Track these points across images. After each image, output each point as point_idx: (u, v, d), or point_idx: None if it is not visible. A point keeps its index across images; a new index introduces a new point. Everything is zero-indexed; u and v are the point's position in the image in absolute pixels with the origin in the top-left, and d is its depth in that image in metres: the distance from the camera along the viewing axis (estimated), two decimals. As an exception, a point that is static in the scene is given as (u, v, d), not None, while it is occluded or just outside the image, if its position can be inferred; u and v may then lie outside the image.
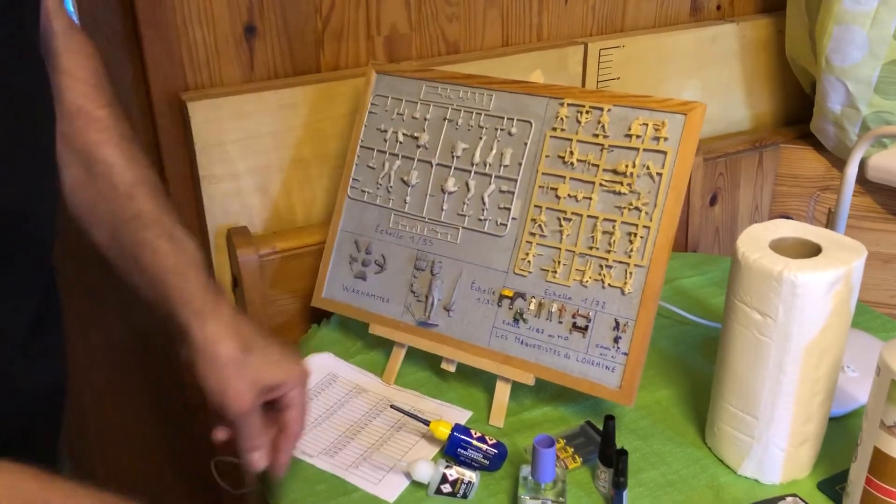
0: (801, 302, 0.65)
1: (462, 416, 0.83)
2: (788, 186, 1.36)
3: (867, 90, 1.17)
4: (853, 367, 0.84)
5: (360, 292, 0.90)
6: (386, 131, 0.90)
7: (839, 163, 1.30)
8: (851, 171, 0.79)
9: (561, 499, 0.69)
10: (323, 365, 0.91)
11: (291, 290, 1.02)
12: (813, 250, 0.69)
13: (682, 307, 0.99)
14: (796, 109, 1.38)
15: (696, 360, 0.91)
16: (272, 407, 0.67)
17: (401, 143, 0.89)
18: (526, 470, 0.71)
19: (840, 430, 0.78)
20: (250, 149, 0.99)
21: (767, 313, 0.67)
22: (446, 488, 0.73)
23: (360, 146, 0.92)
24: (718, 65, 1.30)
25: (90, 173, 0.62)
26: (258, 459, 0.66)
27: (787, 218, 1.37)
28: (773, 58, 1.34)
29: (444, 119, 0.87)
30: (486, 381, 0.87)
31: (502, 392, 0.82)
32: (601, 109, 0.79)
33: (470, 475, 0.72)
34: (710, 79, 1.30)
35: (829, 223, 1.02)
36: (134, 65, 0.97)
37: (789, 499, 0.71)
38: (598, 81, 1.20)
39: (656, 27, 1.26)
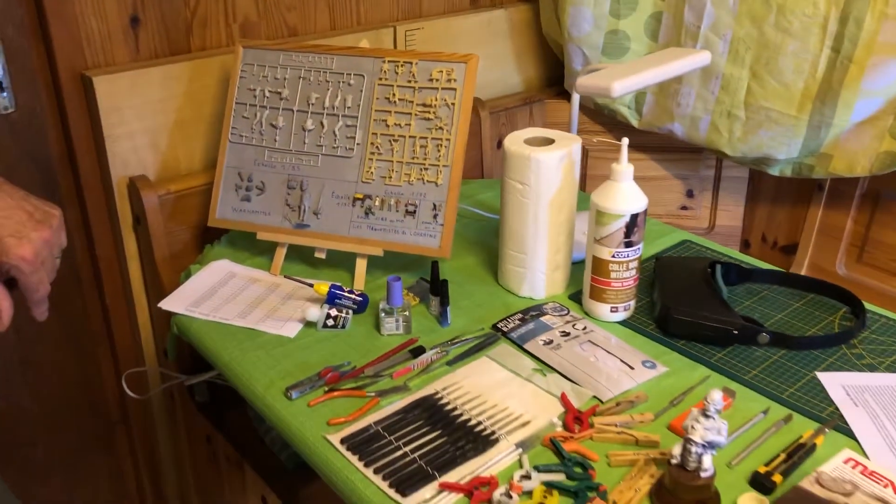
0: (543, 172, 1.05)
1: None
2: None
3: (597, 53, 1.62)
4: (585, 232, 1.26)
5: (247, 211, 1.21)
6: (255, 90, 1.22)
7: (587, 110, 1.75)
8: (576, 97, 1.21)
9: (406, 314, 1.05)
10: (222, 267, 1.21)
11: (185, 223, 1.31)
12: (550, 143, 1.09)
13: (482, 210, 1.39)
14: (553, 73, 1.83)
15: (491, 241, 1.30)
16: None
17: (267, 97, 1.21)
18: (383, 303, 1.06)
19: (579, 269, 1.18)
20: (143, 113, 1.26)
21: (525, 182, 1.06)
22: (330, 322, 1.06)
23: (236, 102, 1.23)
24: (495, 42, 1.71)
25: None
26: None
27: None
28: (534, 35, 1.77)
29: (300, 77, 1.20)
30: (346, 265, 1.21)
31: (361, 265, 1.16)
32: (411, 63, 1.15)
33: (347, 311, 1.06)
34: (489, 53, 1.70)
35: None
36: (38, 49, 1.21)
37: (550, 304, 1.12)
38: (406, 55, 1.56)
39: (446, 13, 1.65)
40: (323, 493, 1.15)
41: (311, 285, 1.10)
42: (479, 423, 0.89)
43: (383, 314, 1.05)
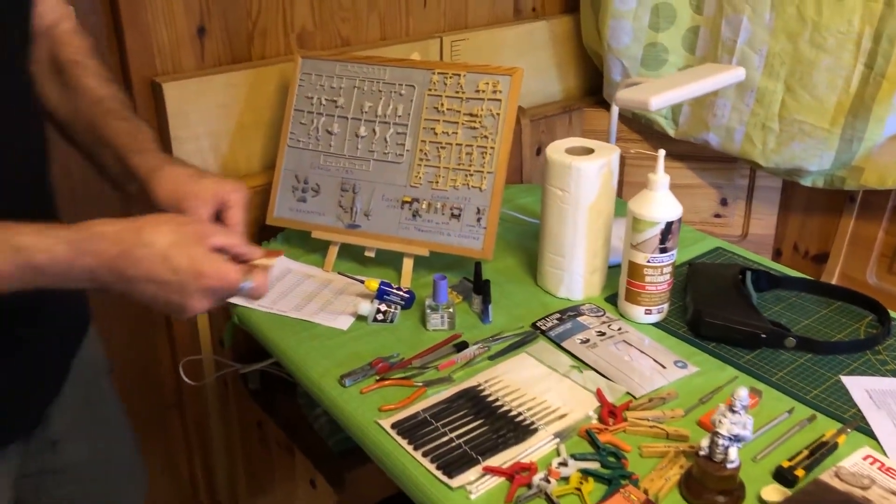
0: (583, 180, 1.11)
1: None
2: (591, 139, 1.85)
3: (636, 65, 1.68)
4: (621, 237, 1.32)
5: (302, 211, 1.29)
6: (312, 97, 1.30)
7: (624, 119, 1.81)
8: (615, 108, 1.27)
9: (451, 310, 1.12)
10: (279, 263, 1.29)
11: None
12: (589, 152, 1.15)
13: (522, 215, 1.46)
14: (593, 83, 1.89)
15: (530, 244, 1.37)
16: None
17: (323, 104, 1.29)
18: (429, 300, 1.13)
19: (615, 273, 1.24)
20: (207, 117, 1.35)
21: (566, 189, 1.13)
22: (380, 317, 1.13)
23: (294, 109, 1.31)
24: (536, 52, 1.78)
25: (76, 95, 0.91)
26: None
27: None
28: (575, 46, 1.83)
29: (354, 87, 1.28)
30: (394, 264, 1.28)
31: (408, 264, 1.24)
32: (459, 75, 1.22)
33: (395, 306, 1.14)
34: (531, 63, 1.77)
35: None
36: (114, 56, 1.30)
37: (587, 305, 1.18)
38: (451, 64, 1.63)
39: (489, 25, 1.72)
40: (367, 477, 1.23)
41: (363, 281, 1.17)
42: (520, 413, 0.95)
43: (429, 310, 1.12)
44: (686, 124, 1.70)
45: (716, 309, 1.10)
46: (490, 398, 0.98)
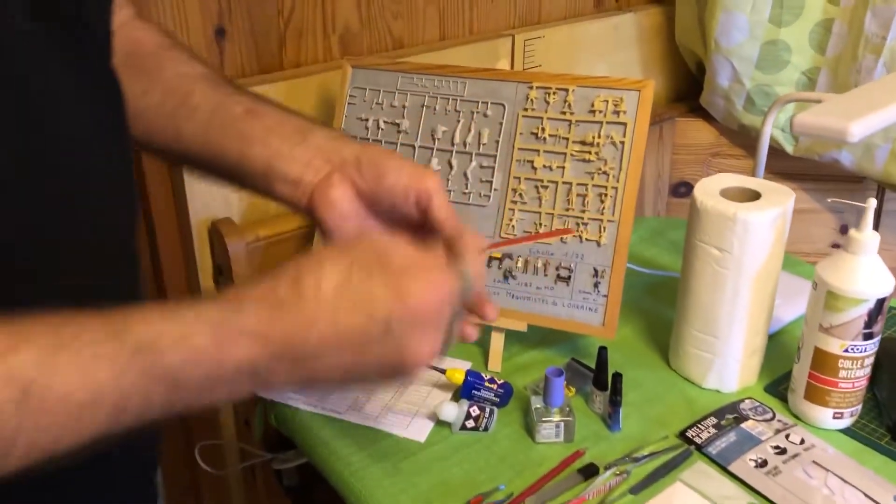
0: (751, 236, 0.81)
1: (462, 367, 0.94)
2: (684, 154, 1.55)
3: (750, 67, 1.37)
4: (777, 296, 1.02)
5: (354, 267, 0.99)
6: (367, 120, 0.99)
7: (727, 131, 1.50)
8: (766, 129, 0.96)
9: (569, 418, 0.82)
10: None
11: (275, 274, 1.09)
12: (754, 195, 0.85)
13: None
14: (684, 87, 1.58)
15: (646, 302, 1.07)
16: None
17: (382, 129, 0.99)
18: (537, 401, 0.83)
19: (773, 346, 0.94)
20: (228, 144, 1.05)
21: (725, 248, 0.82)
22: (470, 424, 0.83)
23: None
24: (621, 49, 1.47)
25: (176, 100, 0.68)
26: None
27: (686, 184, 1.56)
28: (665, 42, 1.53)
29: (422, 106, 0.97)
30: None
31: (497, 341, 0.94)
32: (566, 90, 0.92)
33: (489, 408, 0.84)
34: (614, 62, 1.46)
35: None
36: (108, 68, 1.01)
37: (747, 401, 0.87)
38: (524, 69, 1.33)
39: (567, 18, 1.41)
40: None
41: (443, 371, 0.87)
42: None
43: (538, 416, 0.82)
44: (810, 139, 1.39)
45: (937, 414, 0.79)
46: (649, 566, 0.68)
